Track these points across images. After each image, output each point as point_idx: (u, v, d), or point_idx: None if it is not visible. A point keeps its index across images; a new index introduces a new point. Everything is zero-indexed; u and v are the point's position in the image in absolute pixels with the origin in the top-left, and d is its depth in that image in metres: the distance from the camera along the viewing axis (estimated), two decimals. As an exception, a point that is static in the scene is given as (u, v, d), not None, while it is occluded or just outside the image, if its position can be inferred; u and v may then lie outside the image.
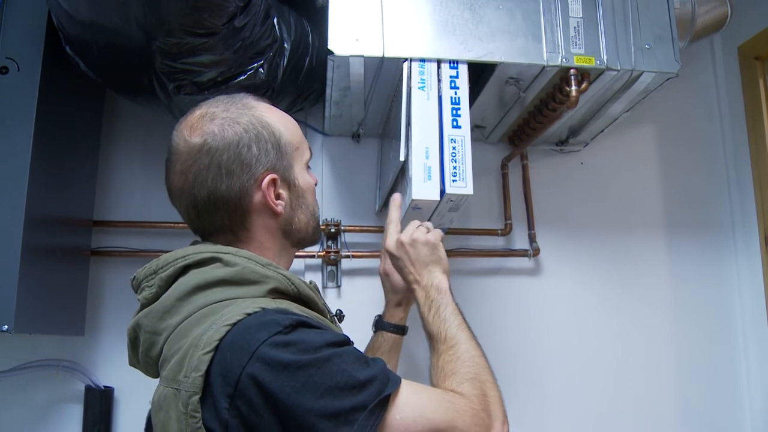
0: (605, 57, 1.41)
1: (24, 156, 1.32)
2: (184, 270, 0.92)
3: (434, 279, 1.16)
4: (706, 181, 2.01)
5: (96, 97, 1.69)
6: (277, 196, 0.98)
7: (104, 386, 1.63)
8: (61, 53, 1.37)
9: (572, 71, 1.41)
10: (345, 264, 1.75)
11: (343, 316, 1.37)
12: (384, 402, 0.79)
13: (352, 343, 0.86)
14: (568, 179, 1.93)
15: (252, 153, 0.94)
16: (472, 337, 1.06)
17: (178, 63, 1.29)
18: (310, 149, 1.06)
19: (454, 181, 1.27)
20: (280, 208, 0.98)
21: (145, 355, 0.92)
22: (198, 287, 0.89)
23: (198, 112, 0.97)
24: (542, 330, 1.83)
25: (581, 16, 1.42)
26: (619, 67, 1.42)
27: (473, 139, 1.33)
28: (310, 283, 0.99)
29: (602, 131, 1.81)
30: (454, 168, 1.29)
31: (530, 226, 1.85)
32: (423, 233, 1.20)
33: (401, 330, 1.42)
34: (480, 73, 1.47)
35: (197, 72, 1.32)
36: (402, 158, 1.32)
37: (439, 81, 1.36)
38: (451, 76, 1.37)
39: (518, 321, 1.81)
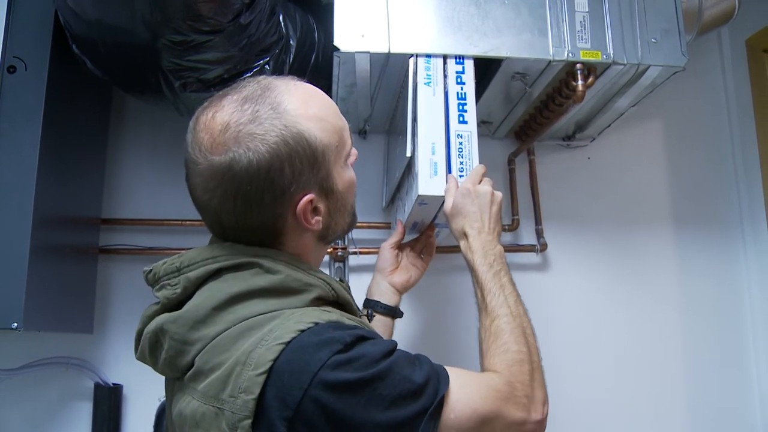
0: (611, 51, 1.41)
1: (32, 155, 1.32)
2: (217, 273, 0.86)
3: (498, 245, 1.16)
4: (714, 176, 2.00)
5: (103, 95, 1.70)
6: (314, 210, 0.89)
7: (113, 383, 1.64)
8: (68, 52, 1.38)
9: (578, 66, 1.40)
10: (352, 260, 1.75)
11: (373, 316, 1.37)
12: (441, 403, 0.79)
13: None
14: (575, 174, 1.93)
15: (284, 177, 0.83)
16: (526, 313, 1.07)
17: (184, 60, 1.29)
18: (351, 135, 0.96)
19: (461, 176, 1.27)
20: (317, 226, 0.90)
21: (170, 362, 0.85)
22: (238, 296, 0.82)
23: (220, 120, 0.83)
24: (550, 325, 1.81)
25: (587, 10, 1.42)
26: (625, 62, 1.41)
27: (480, 135, 1.33)
28: (341, 281, 0.96)
29: (609, 126, 1.80)
30: (461, 164, 1.28)
31: (538, 221, 1.85)
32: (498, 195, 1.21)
33: (393, 312, 1.38)
34: (486, 68, 1.46)
35: (203, 69, 1.32)
36: (408, 154, 1.32)
37: (445, 77, 1.35)
38: (457, 72, 1.36)
39: (526, 316, 1.81)
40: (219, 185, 0.83)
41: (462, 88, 1.35)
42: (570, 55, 1.39)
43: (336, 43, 1.33)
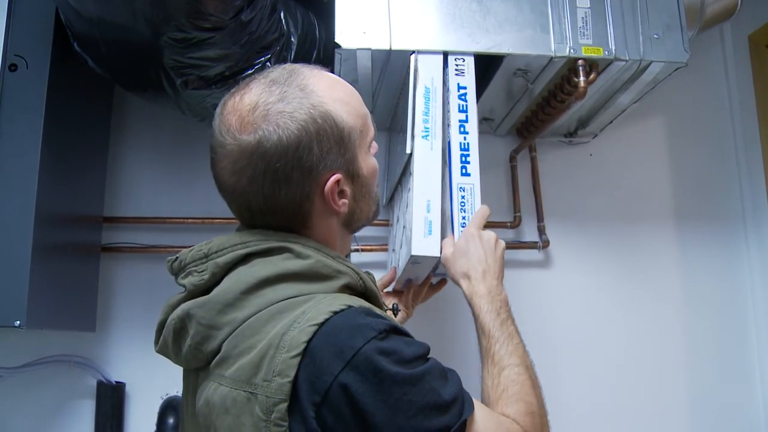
0: (613, 47, 1.40)
1: (34, 153, 1.33)
2: (246, 258, 0.85)
3: (503, 291, 1.12)
4: (717, 172, 2.00)
5: (104, 93, 1.71)
6: (341, 193, 0.89)
7: (116, 381, 1.64)
8: (70, 50, 1.38)
9: (580, 62, 1.40)
10: (353, 258, 1.75)
11: (399, 310, 1.35)
12: (463, 425, 0.77)
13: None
14: (577, 171, 1.93)
15: (313, 155, 0.84)
16: (533, 365, 1.03)
17: (185, 58, 1.29)
18: (373, 123, 0.96)
19: (462, 232, 1.22)
20: (344, 209, 0.90)
21: (195, 348, 0.83)
22: (267, 280, 0.82)
23: (248, 100, 0.84)
24: (552, 322, 1.82)
25: (589, 6, 1.42)
26: (627, 58, 1.41)
27: (481, 132, 1.33)
28: (368, 273, 0.95)
29: (611, 122, 1.80)
30: (463, 218, 1.23)
31: (539, 218, 1.85)
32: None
33: None
34: (488, 65, 1.46)
35: (204, 66, 1.32)
36: (408, 151, 1.31)
37: (448, 125, 1.31)
38: (460, 121, 1.31)
39: (528, 313, 1.78)
40: (248, 164, 0.83)
41: (465, 138, 1.30)
42: (572, 51, 1.39)
43: (337, 39, 1.33)
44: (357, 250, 1.73)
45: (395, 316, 1.37)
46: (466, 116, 1.32)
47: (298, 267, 0.83)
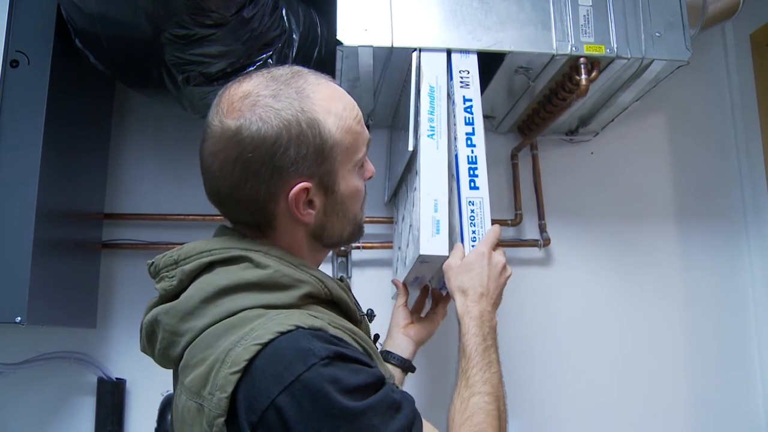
0: (615, 45, 1.40)
1: (35, 149, 1.33)
2: (209, 266, 0.86)
3: (495, 317, 1.10)
4: (718, 171, 2.00)
5: (106, 89, 1.70)
6: (309, 203, 0.89)
7: (116, 378, 1.64)
8: (71, 46, 1.38)
9: (582, 60, 1.40)
10: (355, 255, 1.75)
11: (374, 315, 1.35)
12: None
13: (385, 379, 0.80)
14: (579, 169, 1.93)
15: (287, 156, 0.83)
16: (505, 396, 1.02)
17: (187, 54, 1.29)
18: (368, 143, 0.95)
19: (473, 246, 1.19)
20: (308, 219, 0.89)
21: (163, 353, 0.87)
22: (225, 290, 0.83)
23: (243, 88, 0.86)
24: (553, 320, 1.83)
25: (591, 4, 1.41)
26: (629, 56, 1.41)
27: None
28: (341, 280, 0.95)
29: (612, 120, 1.80)
30: (473, 232, 1.21)
31: (540, 216, 1.85)
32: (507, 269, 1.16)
33: (406, 365, 1.32)
34: (489, 62, 1.46)
35: (206, 63, 1.32)
36: (410, 148, 1.31)
37: (455, 138, 1.29)
38: (467, 134, 1.28)
39: (529, 311, 1.81)
40: (224, 148, 0.84)
41: (472, 151, 1.26)
42: (573, 49, 1.39)
43: (339, 37, 1.33)
44: (358, 248, 1.73)
45: (370, 321, 1.36)
46: (473, 129, 1.29)
47: (256, 277, 0.84)
